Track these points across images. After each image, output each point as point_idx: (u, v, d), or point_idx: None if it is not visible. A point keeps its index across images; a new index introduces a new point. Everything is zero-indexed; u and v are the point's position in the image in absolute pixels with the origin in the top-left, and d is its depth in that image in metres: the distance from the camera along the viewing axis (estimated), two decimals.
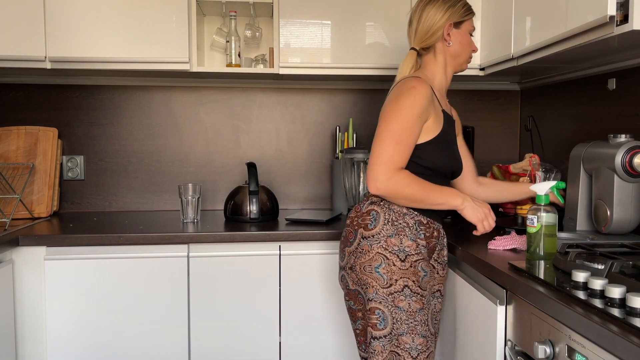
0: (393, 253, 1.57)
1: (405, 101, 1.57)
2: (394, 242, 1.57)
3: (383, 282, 1.56)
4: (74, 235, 1.99)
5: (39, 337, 2.00)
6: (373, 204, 1.63)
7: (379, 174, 1.52)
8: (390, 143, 1.54)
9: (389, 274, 1.56)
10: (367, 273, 1.57)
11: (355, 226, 1.63)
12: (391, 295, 1.55)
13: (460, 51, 1.72)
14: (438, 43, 1.69)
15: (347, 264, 1.64)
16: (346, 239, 1.66)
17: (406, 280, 1.56)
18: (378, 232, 1.58)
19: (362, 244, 1.59)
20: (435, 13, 1.66)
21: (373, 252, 1.57)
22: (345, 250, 1.66)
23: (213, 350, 2.07)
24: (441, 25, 1.66)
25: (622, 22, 1.42)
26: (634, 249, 1.40)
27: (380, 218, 1.59)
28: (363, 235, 1.60)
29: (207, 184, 2.67)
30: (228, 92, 2.67)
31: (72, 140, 2.61)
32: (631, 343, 0.91)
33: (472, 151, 2.55)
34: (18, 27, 2.17)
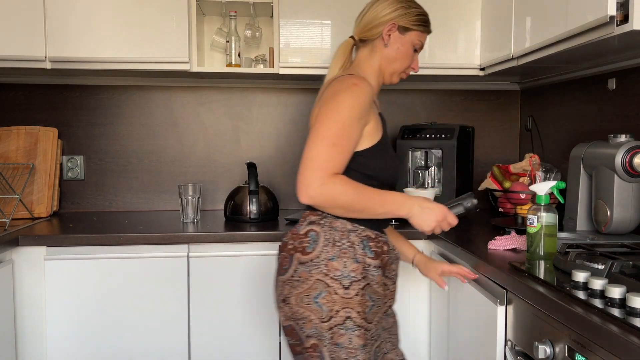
0: (335, 279, 1.36)
1: (345, 99, 1.38)
2: (336, 266, 1.37)
3: (322, 315, 1.35)
4: (74, 235, 1.99)
5: (39, 337, 2.00)
6: (312, 224, 1.42)
7: (311, 179, 1.31)
8: (325, 145, 1.33)
9: (329, 304, 1.35)
10: (305, 305, 1.37)
11: (291, 250, 1.42)
12: (330, 330, 1.35)
13: (395, 58, 1.54)
14: (377, 40, 1.53)
15: (279, 296, 1.43)
16: (280, 267, 1.44)
17: (349, 311, 1.36)
18: (317, 256, 1.38)
19: (300, 271, 1.38)
20: (385, 8, 1.52)
21: (312, 279, 1.36)
22: (278, 280, 1.44)
23: (213, 350, 2.07)
24: (384, 21, 1.51)
25: (622, 22, 1.42)
26: (634, 249, 1.40)
27: (320, 239, 1.39)
28: (300, 260, 1.39)
29: (207, 184, 2.67)
30: (228, 92, 2.67)
31: (72, 140, 2.61)
32: (631, 343, 0.91)
33: (472, 151, 2.55)
34: (18, 27, 2.17)
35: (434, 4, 2.35)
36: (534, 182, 2.27)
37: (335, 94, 1.40)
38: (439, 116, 2.75)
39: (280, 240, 1.51)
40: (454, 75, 2.45)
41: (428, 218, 1.41)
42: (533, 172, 2.27)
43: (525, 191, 2.13)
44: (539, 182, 2.30)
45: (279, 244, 1.51)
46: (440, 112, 2.76)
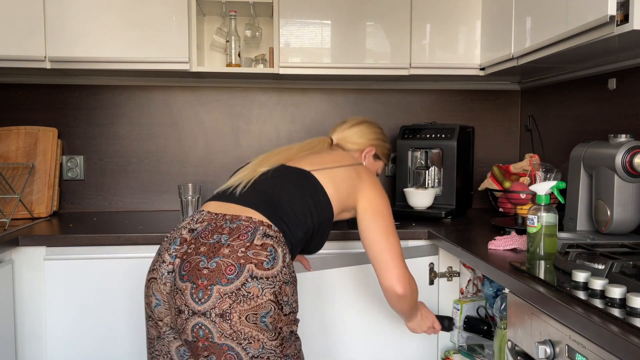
0: (284, 304, 1.31)
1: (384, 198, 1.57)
2: (287, 292, 1.32)
3: (270, 334, 1.28)
4: (73, 235, 1.99)
5: (39, 337, 2.00)
6: (268, 237, 1.33)
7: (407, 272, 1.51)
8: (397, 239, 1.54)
9: (275, 322, 1.29)
10: (251, 324, 1.25)
11: (242, 259, 1.27)
12: (280, 346, 1.30)
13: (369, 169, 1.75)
14: (355, 152, 1.75)
15: (213, 308, 1.24)
16: (219, 274, 1.26)
17: (291, 325, 1.35)
18: (275, 275, 1.29)
19: (249, 285, 1.26)
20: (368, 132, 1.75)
21: (264, 297, 1.26)
22: (213, 289, 1.25)
23: None
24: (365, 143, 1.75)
25: (622, 22, 1.42)
26: (634, 249, 1.40)
27: (279, 258, 1.32)
28: (254, 274, 1.27)
29: (207, 184, 2.67)
30: (228, 92, 2.67)
31: (72, 140, 2.61)
32: (631, 343, 0.91)
33: (472, 151, 2.55)
34: (18, 27, 2.17)
35: (434, 4, 2.36)
36: (534, 182, 2.27)
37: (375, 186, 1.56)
38: (439, 116, 2.74)
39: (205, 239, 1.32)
40: (454, 75, 2.45)
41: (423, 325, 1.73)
42: (533, 172, 2.27)
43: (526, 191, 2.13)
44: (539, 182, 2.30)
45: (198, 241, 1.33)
46: (440, 112, 2.75)
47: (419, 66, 2.37)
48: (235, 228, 1.33)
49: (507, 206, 2.19)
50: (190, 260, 1.29)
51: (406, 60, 2.36)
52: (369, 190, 1.54)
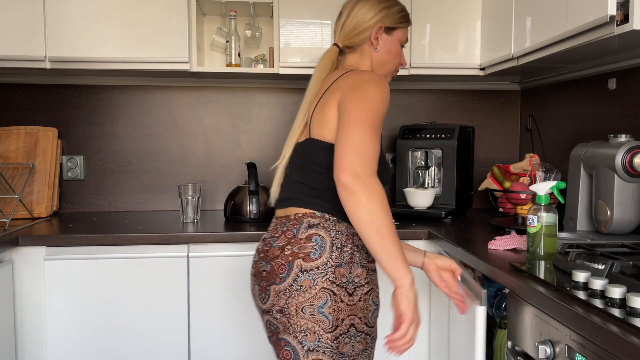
0: (341, 286, 1.30)
1: (375, 90, 1.31)
2: (343, 273, 1.31)
3: (327, 325, 1.28)
4: (73, 235, 1.99)
5: (39, 337, 2.00)
6: (314, 227, 1.33)
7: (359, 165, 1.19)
8: (369, 132, 1.23)
9: (335, 313, 1.29)
10: (308, 316, 1.28)
11: (290, 257, 1.31)
12: (336, 340, 1.29)
13: (387, 60, 1.52)
14: (365, 44, 1.49)
15: (273, 306, 1.33)
16: (273, 274, 1.32)
17: (353, 318, 1.31)
18: (325, 263, 1.29)
19: (301, 280, 1.29)
20: (367, 11, 1.48)
21: (316, 288, 1.28)
22: (270, 289, 1.33)
23: (213, 350, 2.07)
24: (371, 25, 1.47)
25: (622, 22, 1.42)
26: (634, 249, 1.40)
27: (326, 244, 1.31)
28: (302, 267, 1.29)
29: (207, 184, 2.67)
30: (228, 92, 2.67)
31: (72, 140, 2.61)
32: (631, 343, 0.91)
33: (472, 151, 2.55)
34: (18, 27, 2.17)
35: (434, 4, 2.36)
36: (534, 182, 2.27)
37: (361, 83, 1.32)
38: (439, 116, 2.74)
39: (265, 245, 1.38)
40: (454, 75, 2.45)
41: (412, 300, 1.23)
42: (533, 172, 2.27)
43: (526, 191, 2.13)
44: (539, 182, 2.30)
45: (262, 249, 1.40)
46: (440, 112, 2.75)
47: (419, 66, 2.37)
48: (285, 230, 1.36)
49: (507, 206, 2.20)
50: (256, 266, 1.40)
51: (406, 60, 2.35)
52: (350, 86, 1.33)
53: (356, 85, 1.33)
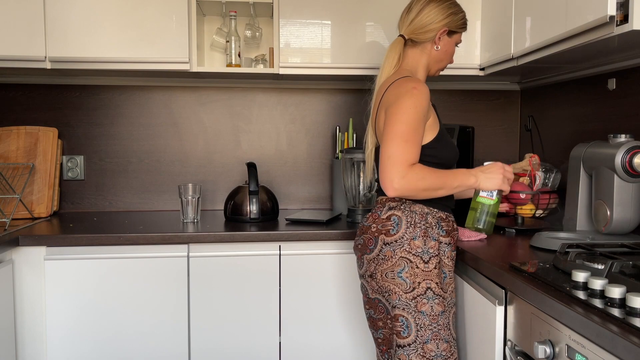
0: (417, 255, 1.56)
1: (408, 102, 1.55)
2: (418, 244, 1.56)
3: (406, 287, 1.54)
4: (74, 235, 1.99)
5: (39, 337, 2.00)
6: (392, 209, 1.61)
7: (392, 173, 1.50)
8: (400, 142, 1.52)
9: (412, 277, 1.54)
10: (390, 280, 1.56)
11: (375, 233, 1.60)
12: (414, 299, 1.54)
13: (443, 58, 1.75)
14: (427, 43, 1.70)
15: (366, 272, 1.63)
16: (365, 247, 1.63)
17: (429, 282, 1.55)
18: (401, 237, 1.57)
19: (385, 251, 1.57)
20: (437, 14, 1.67)
21: (396, 257, 1.56)
22: (364, 258, 1.63)
23: (213, 350, 2.07)
24: (438, 27, 1.68)
25: (622, 22, 1.42)
26: (634, 249, 1.40)
27: (402, 222, 1.58)
28: (385, 241, 1.58)
29: (207, 184, 2.67)
30: (228, 92, 2.67)
31: (72, 140, 2.61)
32: (631, 343, 0.91)
33: (472, 151, 2.55)
34: (18, 27, 2.17)
35: None
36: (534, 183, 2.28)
37: (398, 97, 1.58)
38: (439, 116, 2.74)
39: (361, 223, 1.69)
40: (453, 75, 2.45)
41: (494, 177, 1.62)
42: (533, 172, 2.27)
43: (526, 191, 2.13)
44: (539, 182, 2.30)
45: (360, 227, 1.69)
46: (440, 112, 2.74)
47: None
48: (373, 212, 1.66)
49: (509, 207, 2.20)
50: (356, 240, 1.71)
51: None
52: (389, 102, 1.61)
53: (397, 97, 1.58)
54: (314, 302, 2.11)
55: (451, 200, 1.71)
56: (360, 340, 2.13)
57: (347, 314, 2.12)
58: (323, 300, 2.11)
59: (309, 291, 2.11)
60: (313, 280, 2.11)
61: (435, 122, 1.67)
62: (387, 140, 1.54)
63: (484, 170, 1.63)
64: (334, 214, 2.40)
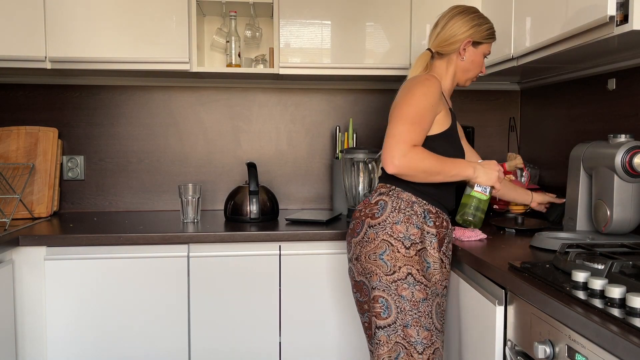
0: (398, 240, 1.58)
1: (419, 90, 1.62)
2: (400, 229, 1.59)
3: (386, 269, 1.57)
4: (74, 235, 1.99)
5: (39, 337, 2.00)
6: (382, 195, 1.66)
7: (394, 151, 1.54)
8: (405, 124, 1.56)
9: (393, 260, 1.57)
10: (372, 261, 1.59)
11: (363, 217, 1.65)
12: (394, 282, 1.56)
13: (470, 68, 1.78)
14: (453, 54, 1.75)
15: (353, 255, 1.67)
16: (353, 231, 1.68)
17: (410, 267, 1.57)
18: (384, 220, 1.60)
19: (369, 233, 1.61)
20: (461, 26, 1.72)
21: (378, 239, 1.59)
22: (352, 242, 1.68)
23: (213, 350, 2.07)
24: (461, 39, 1.72)
25: (622, 22, 1.42)
26: (634, 249, 1.41)
27: (387, 206, 1.62)
28: (370, 224, 1.62)
29: (207, 184, 2.67)
30: (228, 92, 2.67)
31: (72, 140, 2.61)
32: (631, 343, 0.91)
33: None
34: (18, 27, 2.17)
35: (434, 4, 2.36)
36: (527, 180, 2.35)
37: (409, 87, 1.65)
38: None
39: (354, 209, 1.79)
40: None
41: (491, 173, 1.66)
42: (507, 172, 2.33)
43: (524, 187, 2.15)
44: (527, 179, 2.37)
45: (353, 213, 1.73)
46: None
47: None
48: (366, 198, 1.72)
49: (501, 202, 2.27)
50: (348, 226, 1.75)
51: (406, 61, 2.36)
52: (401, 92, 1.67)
53: (407, 87, 1.65)
54: (314, 302, 2.11)
55: (449, 200, 1.72)
56: (360, 340, 2.13)
57: (347, 314, 2.12)
58: (323, 300, 2.12)
59: (309, 291, 2.11)
60: (313, 280, 2.11)
61: (446, 118, 1.70)
62: (393, 121, 1.59)
63: (481, 164, 1.68)
64: (334, 214, 2.40)
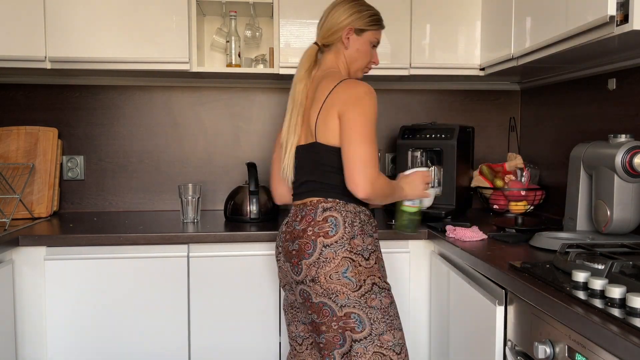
0: (357, 254, 1.56)
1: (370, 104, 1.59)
2: (358, 243, 1.57)
3: (353, 286, 1.54)
4: (74, 235, 1.99)
5: (39, 337, 2.00)
6: (328, 210, 1.59)
7: (366, 176, 1.53)
8: (369, 144, 1.55)
9: (357, 275, 1.54)
10: (335, 281, 1.54)
11: (312, 236, 1.57)
12: (362, 297, 1.54)
13: (357, 57, 1.74)
14: (338, 43, 1.72)
15: (306, 277, 1.57)
16: (301, 252, 1.58)
17: (373, 277, 1.57)
18: (341, 237, 1.56)
19: (325, 253, 1.55)
20: (341, 14, 1.71)
21: (338, 258, 1.54)
22: (302, 264, 1.58)
23: (213, 350, 2.07)
24: (342, 27, 1.70)
25: (622, 22, 1.42)
26: (634, 249, 1.41)
27: (340, 223, 1.57)
28: (324, 243, 1.55)
29: (207, 184, 2.67)
30: (228, 92, 2.67)
31: (72, 140, 2.61)
32: (631, 343, 0.91)
33: (472, 151, 2.55)
34: (18, 27, 2.17)
35: (434, 4, 2.36)
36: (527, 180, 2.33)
37: (359, 99, 1.59)
38: (439, 116, 2.75)
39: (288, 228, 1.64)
40: (454, 75, 2.45)
41: (417, 188, 1.73)
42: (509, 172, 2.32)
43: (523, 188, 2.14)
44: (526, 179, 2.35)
45: (286, 231, 1.65)
46: (440, 112, 2.76)
47: (419, 66, 2.37)
48: (304, 215, 1.63)
49: (501, 202, 2.25)
50: (284, 246, 1.65)
51: (406, 61, 2.36)
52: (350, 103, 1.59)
53: (354, 100, 1.59)
54: None
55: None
56: None
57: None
58: None
59: None
60: None
61: None
62: (357, 141, 1.54)
63: (407, 182, 1.73)
64: None
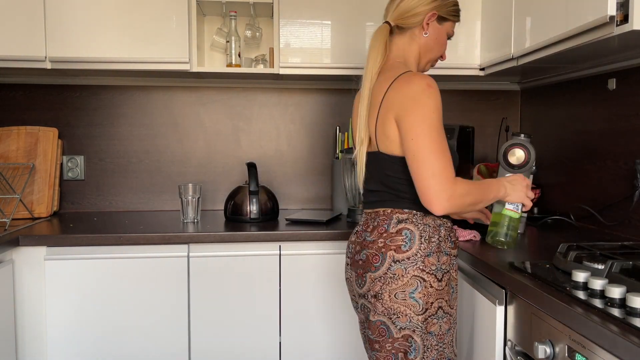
0: (430, 273, 1.42)
1: (431, 105, 1.43)
2: (432, 262, 1.43)
3: (418, 309, 1.41)
4: (74, 235, 1.99)
5: (39, 337, 2.00)
6: (403, 222, 1.45)
7: (441, 193, 1.35)
8: (439, 156, 1.37)
9: (425, 297, 1.41)
10: (400, 300, 1.41)
11: (383, 249, 1.44)
12: (425, 321, 1.42)
13: (432, 47, 1.58)
14: (416, 28, 1.54)
15: (369, 291, 1.46)
16: (368, 263, 1.46)
17: (441, 301, 1.44)
18: (415, 253, 1.42)
19: (394, 269, 1.42)
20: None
21: (408, 275, 1.41)
22: (366, 276, 1.46)
23: (213, 350, 2.07)
24: (425, 11, 1.52)
25: (622, 22, 1.42)
26: (634, 249, 1.41)
27: (415, 237, 1.43)
28: (395, 258, 1.42)
29: (207, 184, 2.67)
30: (228, 92, 2.67)
31: (72, 140, 2.61)
32: (631, 343, 0.91)
33: (472, 151, 2.55)
34: (18, 27, 2.17)
35: None
36: None
37: (415, 100, 1.43)
38: None
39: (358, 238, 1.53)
40: (454, 75, 2.45)
41: (520, 190, 1.52)
42: None
43: None
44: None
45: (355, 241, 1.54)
46: None
47: None
48: (376, 225, 1.49)
49: None
50: (352, 255, 1.54)
51: None
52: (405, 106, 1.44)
53: (410, 101, 1.42)
54: (314, 302, 2.11)
55: None
56: (359, 339, 2.13)
57: (347, 314, 2.12)
58: (323, 300, 2.11)
59: (309, 291, 2.11)
60: (313, 280, 2.11)
61: None
62: (422, 155, 1.38)
63: (510, 181, 1.53)
64: (334, 214, 2.40)
